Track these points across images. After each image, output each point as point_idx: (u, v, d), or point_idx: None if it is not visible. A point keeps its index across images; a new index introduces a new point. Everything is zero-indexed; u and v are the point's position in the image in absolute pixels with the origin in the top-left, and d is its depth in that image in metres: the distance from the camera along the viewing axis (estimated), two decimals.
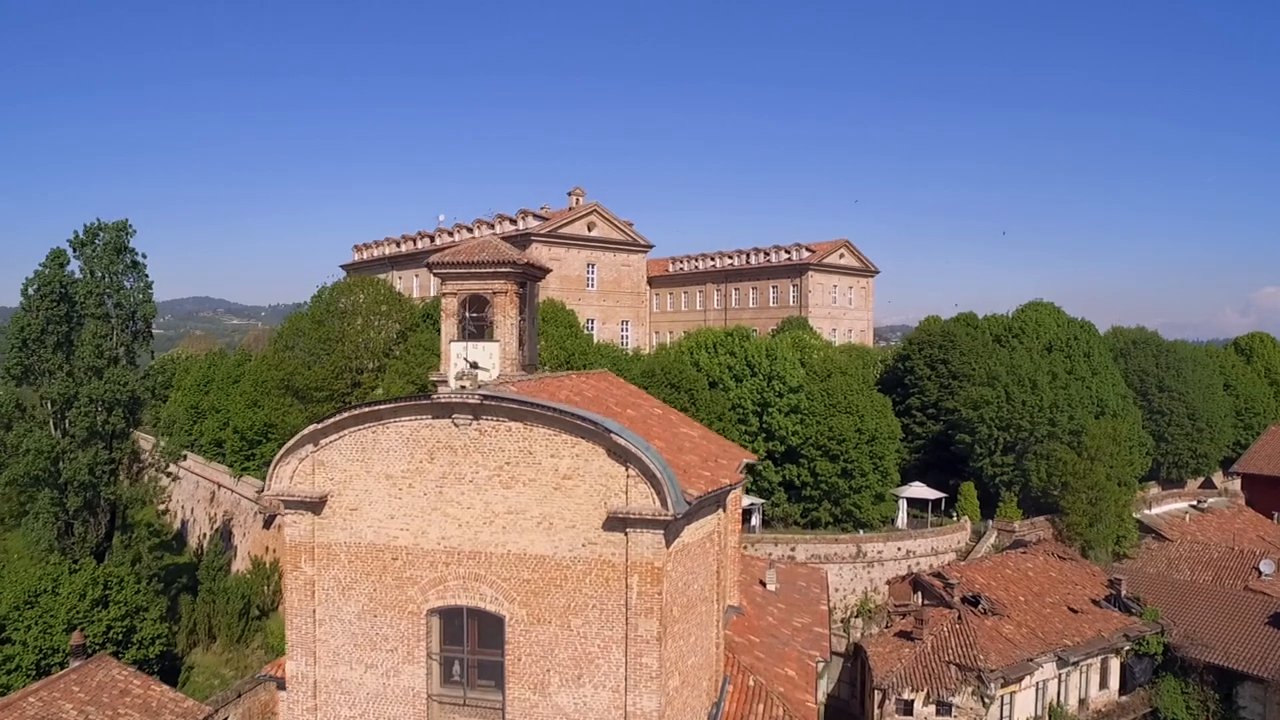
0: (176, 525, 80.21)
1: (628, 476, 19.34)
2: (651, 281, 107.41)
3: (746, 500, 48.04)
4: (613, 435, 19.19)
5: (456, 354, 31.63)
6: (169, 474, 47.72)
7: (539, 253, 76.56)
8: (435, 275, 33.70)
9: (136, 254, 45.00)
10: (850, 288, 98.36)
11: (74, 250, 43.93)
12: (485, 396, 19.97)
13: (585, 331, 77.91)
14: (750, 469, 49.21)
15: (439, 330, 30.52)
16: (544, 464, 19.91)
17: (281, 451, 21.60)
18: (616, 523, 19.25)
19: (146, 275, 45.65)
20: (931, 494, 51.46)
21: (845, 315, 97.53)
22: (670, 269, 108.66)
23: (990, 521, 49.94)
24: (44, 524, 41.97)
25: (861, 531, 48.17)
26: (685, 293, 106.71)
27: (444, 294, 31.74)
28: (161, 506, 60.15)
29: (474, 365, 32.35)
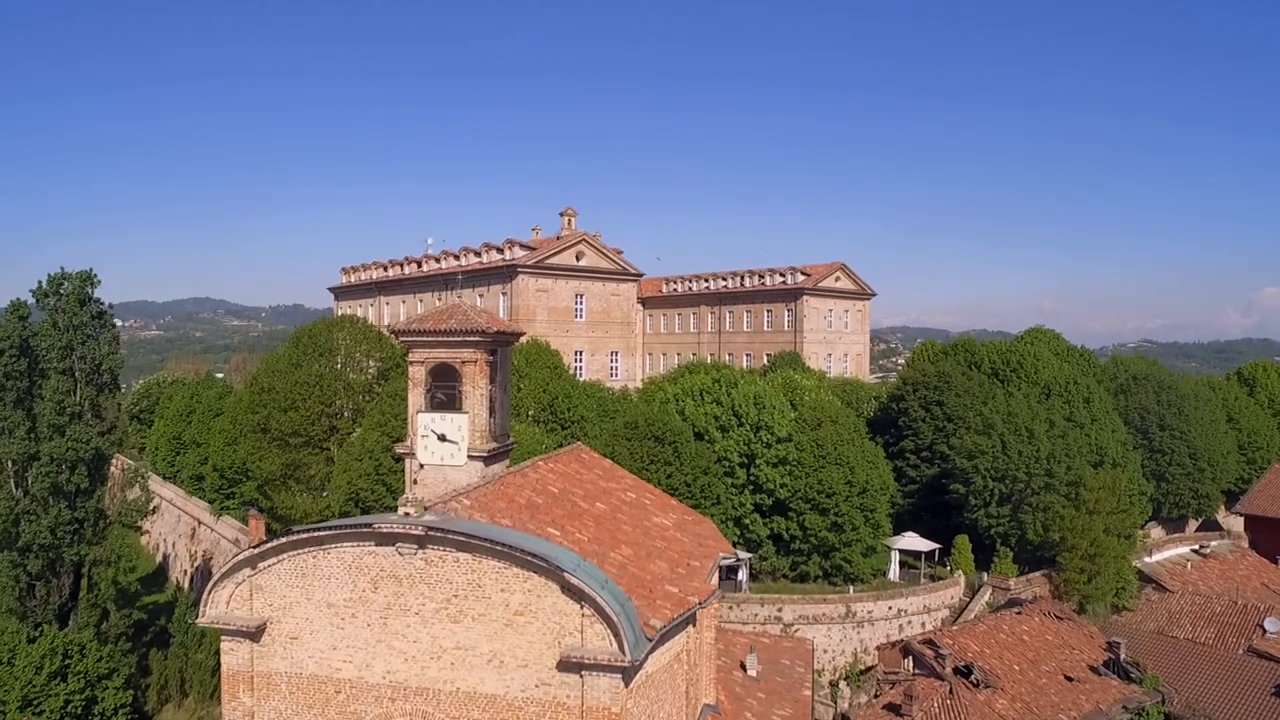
0: (158, 559, 78.88)
1: (583, 615, 17.95)
2: (644, 302, 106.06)
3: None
4: (565, 574, 17.77)
5: (424, 425, 30.24)
6: (137, 528, 46.28)
7: (526, 284, 75.15)
8: (401, 343, 32.30)
9: (102, 304, 43.61)
10: (846, 311, 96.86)
11: (37, 301, 42.51)
12: (430, 527, 18.52)
13: (572, 368, 76.54)
14: (738, 522, 47.77)
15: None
16: (494, 598, 18.51)
17: (217, 575, 20.34)
18: (571, 664, 17.89)
19: (113, 326, 44.23)
20: (925, 545, 49.99)
21: (841, 339, 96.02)
22: (664, 290, 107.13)
23: (985, 575, 48.46)
24: (3, 588, 40.51)
25: (852, 588, 46.70)
26: (679, 314, 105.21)
27: (410, 363, 30.32)
28: (131, 563, 58.52)
29: (442, 438, 31.00)
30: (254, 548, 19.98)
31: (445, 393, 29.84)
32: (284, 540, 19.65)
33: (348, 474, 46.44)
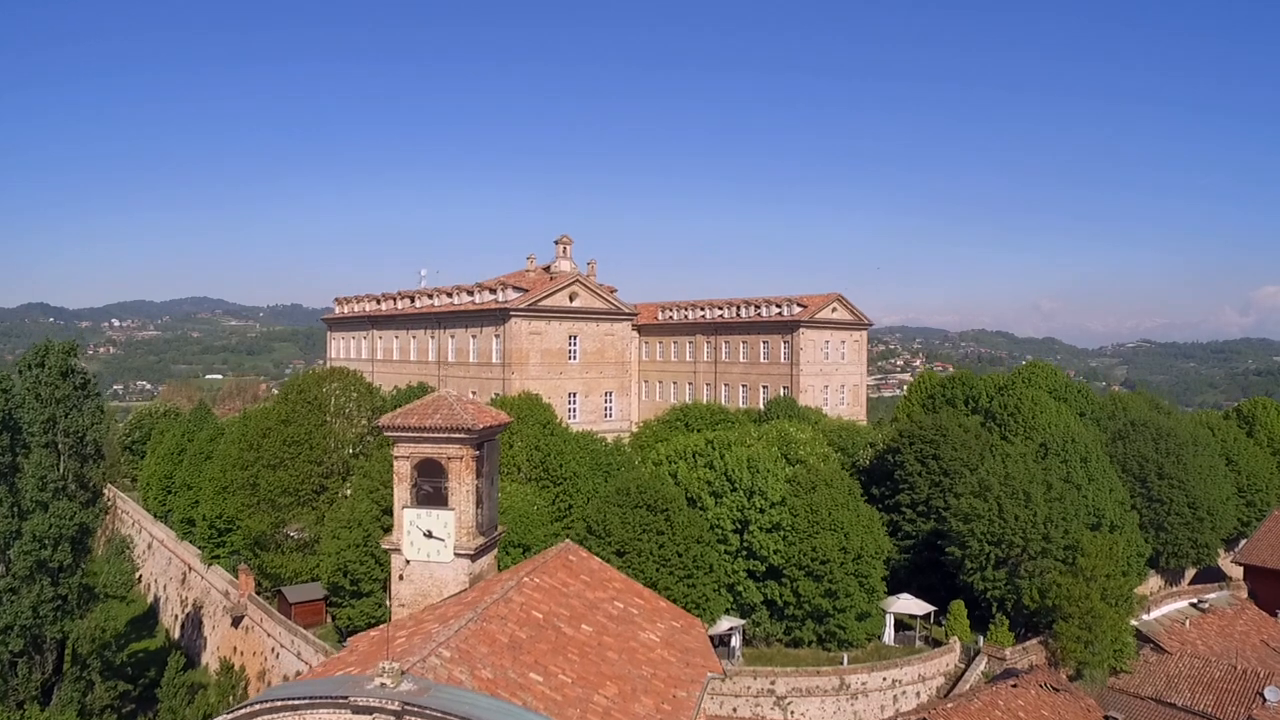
0: (149, 599, 78.29)
1: None
2: (640, 329, 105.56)
3: (726, 623, 46.16)
4: None
5: (410, 522, 29.81)
6: (122, 598, 45.77)
7: (519, 327, 74.56)
8: (386, 436, 31.69)
9: (85, 374, 43.12)
10: (843, 342, 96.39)
11: (19, 372, 42.03)
12: (406, 703, 17.96)
13: (566, 410, 76.01)
14: (730, 588, 47.27)
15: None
16: None
17: None
18: None
19: (97, 395, 43.72)
20: (920, 609, 49.52)
21: (838, 371, 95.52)
22: (659, 317, 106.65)
23: (981, 639, 47.95)
24: None
25: (846, 655, 46.19)
26: (675, 343, 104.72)
27: (395, 457, 29.91)
28: (117, 632, 57.83)
29: (428, 534, 30.51)
30: (229, 713, 19.44)
31: (432, 484, 29.41)
32: (259, 705, 19.11)
33: (337, 542, 45.90)
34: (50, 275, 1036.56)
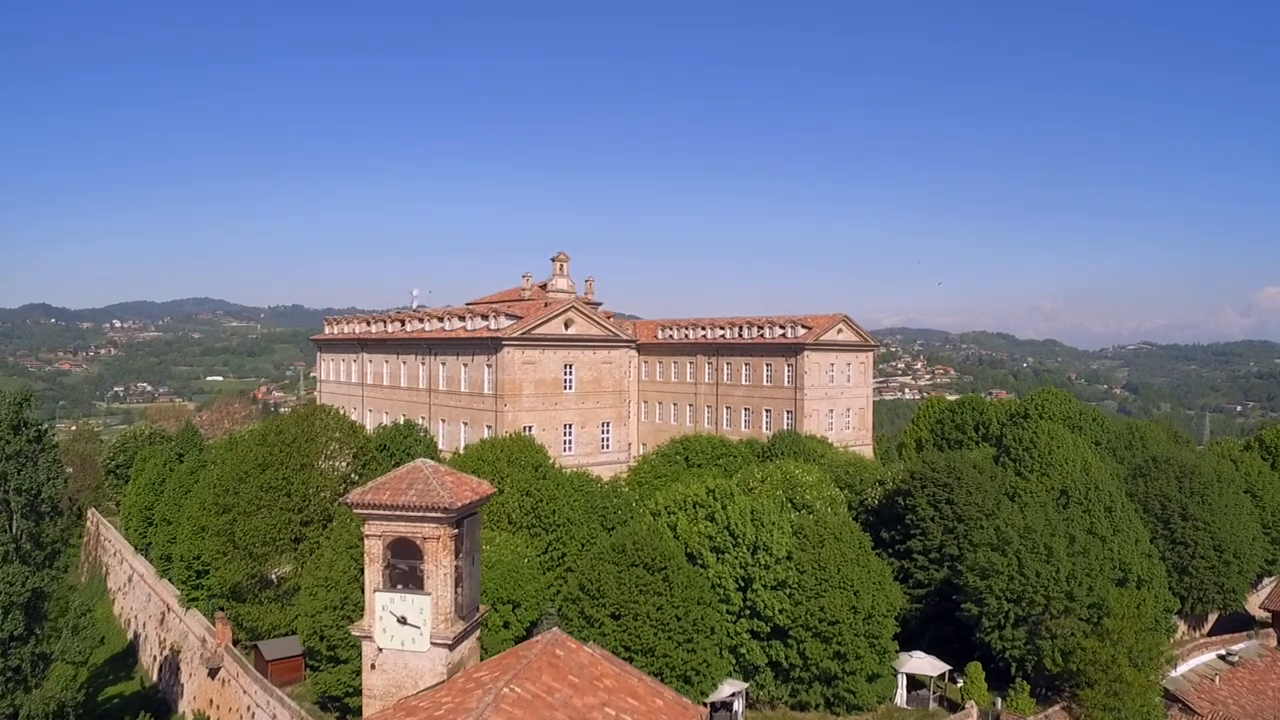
0: (129, 635, 75.49)
1: None
2: (640, 349, 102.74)
3: (728, 688, 43.29)
4: None
5: (382, 606, 27.19)
6: (84, 663, 42.98)
7: (512, 356, 71.66)
8: (357, 514, 28.97)
9: (39, 426, 40.29)
10: (848, 364, 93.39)
11: None
12: None
13: (561, 442, 73.17)
14: (733, 650, 44.39)
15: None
16: None
17: None
18: None
19: (54, 447, 40.89)
20: (934, 668, 46.65)
21: (843, 394, 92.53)
22: (659, 336, 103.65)
23: (999, 702, 45.06)
24: None
25: None
26: (675, 363, 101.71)
27: (366, 536, 27.34)
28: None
29: (402, 620, 27.84)
30: None
31: (407, 564, 26.73)
32: None
33: (314, 601, 43.04)
34: (51, 276, 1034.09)
